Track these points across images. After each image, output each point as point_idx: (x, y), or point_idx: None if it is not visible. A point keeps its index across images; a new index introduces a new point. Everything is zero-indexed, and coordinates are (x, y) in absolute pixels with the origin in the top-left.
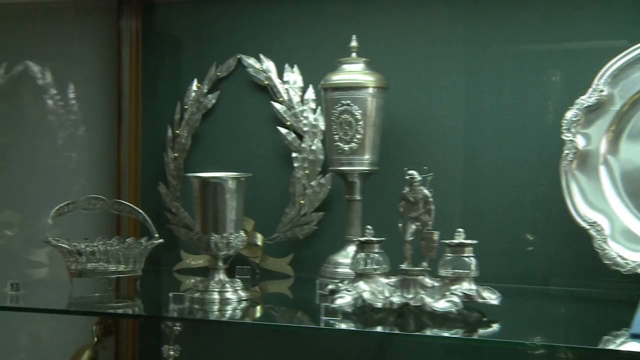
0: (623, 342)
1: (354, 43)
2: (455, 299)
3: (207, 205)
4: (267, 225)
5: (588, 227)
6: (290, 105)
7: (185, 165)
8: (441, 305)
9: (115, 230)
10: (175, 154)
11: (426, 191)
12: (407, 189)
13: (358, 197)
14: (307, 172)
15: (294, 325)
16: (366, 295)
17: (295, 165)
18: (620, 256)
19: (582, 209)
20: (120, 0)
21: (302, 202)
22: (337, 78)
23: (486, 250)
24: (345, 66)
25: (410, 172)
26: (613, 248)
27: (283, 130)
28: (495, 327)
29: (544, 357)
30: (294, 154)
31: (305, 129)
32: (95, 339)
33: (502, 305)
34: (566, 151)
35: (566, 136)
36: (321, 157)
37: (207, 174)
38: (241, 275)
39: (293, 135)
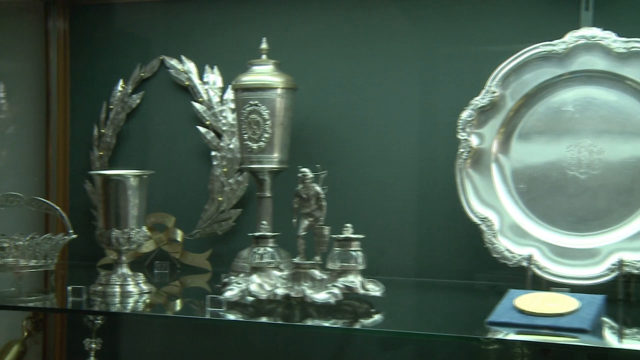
0: (483, 330)
1: (264, 45)
2: (336, 290)
3: (109, 201)
4: (187, 222)
5: (480, 222)
6: (209, 105)
7: (110, 163)
8: (321, 296)
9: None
10: (101, 152)
11: (318, 188)
12: (300, 186)
13: (268, 194)
14: (225, 170)
15: (179, 315)
16: (253, 287)
17: (214, 163)
18: (508, 250)
19: (475, 206)
20: (47, 1)
21: (220, 199)
22: (247, 79)
23: (388, 245)
24: (255, 68)
25: (303, 169)
26: (502, 242)
27: (202, 130)
28: (376, 317)
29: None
30: (212, 153)
31: (224, 128)
32: (26, 334)
33: (393, 297)
34: (461, 150)
35: (461, 135)
36: (239, 155)
37: (109, 171)
38: (160, 270)
39: (212, 134)
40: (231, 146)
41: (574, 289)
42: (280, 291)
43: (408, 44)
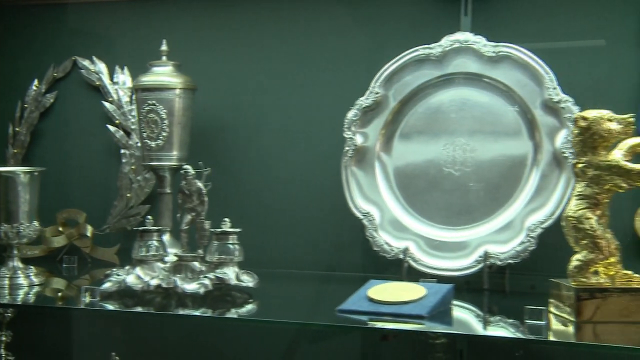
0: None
1: (164, 47)
2: (206, 281)
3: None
4: (98, 217)
5: (362, 217)
6: (119, 105)
7: (23, 161)
8: (191, 287)
9: None
10: (15, 150)
11: (200, 184)
12: (183, 182)
13: (168, 190)
14: (133, 167)
15: (59, 307)
16: (129, 279)
17: (123, 161)
18: (387, 243)
19: (358, 201)
20: None
21: (129, 195)
22: (146, 79)
23: (276, 239)
24: (155, 69)
25: (185, 167)
26: (382, 236)
27: (112, 128)
28: (250, 307)
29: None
30: (122, 151)
31: (132, 127)
32: None
33: (273, 289)
34: (346, 148)
35: (347, 134)
36: None
37: (0, 168)
38: (68, 264)
39: (121, 132)
40: (139, 144)
41: (445, 280)
42: (154, 282)
43: (300, 45)
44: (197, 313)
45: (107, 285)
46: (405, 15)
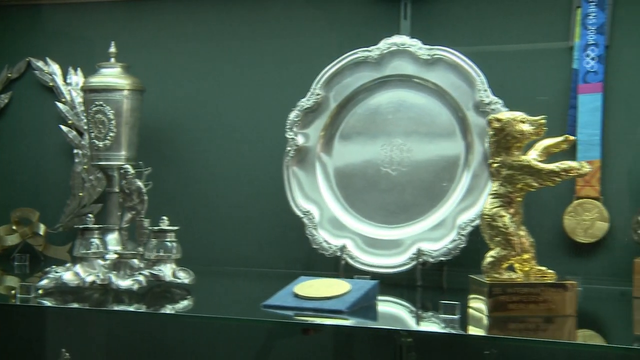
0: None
1: (112, 49)
2: (140, 278)
3: None
4: (51, 216)
5: (302, 215)
6: (72, 105)
7: None
8: (125, 283)
9: None
10: None
11: (139, 183)
12: (123, 182)
13: (116, 189)
14: (86, 167)
15: None
16: (66, 276)
17: (76, 160)
18: (326, 241)
19: (299, 200)
20: None
21: (81, 194)
22: (93, 81)
23: (220, 237)
24: (103, 70)
25: (125, 166)
26: (321, 234)
27: (65, 129)
28: (184, 303)
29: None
30: (75, 150)
31: (85, 127)
32: None
33: (213, 286)
34: (288, 148)
35: (289, 135)
36: None
37: None
38: (20, 262)
39: (74, 132)
40: None
41: (380, 277)
42: (89, 279)
43: (245, 47)
44: (131, 309)
45: (44, 282)
46: (348, 18)
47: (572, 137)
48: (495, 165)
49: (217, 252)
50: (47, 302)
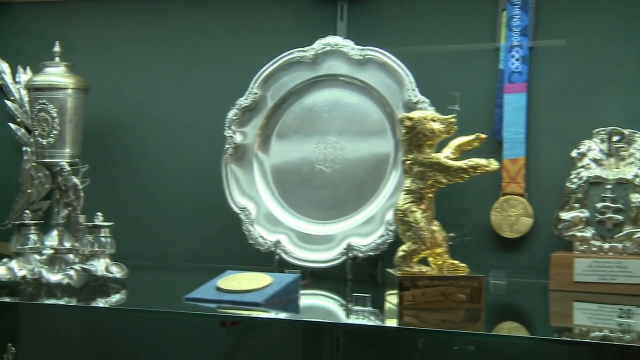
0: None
1: (56, 48)
2: (71, 272)
3: None
4: (0, 213)
5: (239, 212)
6: (21, 104)
7: None
8: (56, 277)
9: None
10: None
11: (76, 180)
12: (59, 179)
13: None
14: (34, 164)
15: None
16: None
17: (25, 158)
18: (261, 237)
19: (236, 197)
20: None
21: (30, 191)
22: (37, 80)
23: (163, 233)
24: (47, 69)
25: (60, 163)
26: (257, 230)
27: (13, 126)
28: (116, 296)
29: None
30: (23, 148)
31: None
32: None
33: (148, 280)
34: (227, 146)
35: (227, 133)
36: None
37: None
38: None
39: (23, 130)
40: None
41: (313, 271)
42: (20, 273)
43: (187, 47)
44: (61, 302)
45: None
46: (286, 19)
47: (483, 135)
48: (407, 162)
49: (159, 247)
50: None
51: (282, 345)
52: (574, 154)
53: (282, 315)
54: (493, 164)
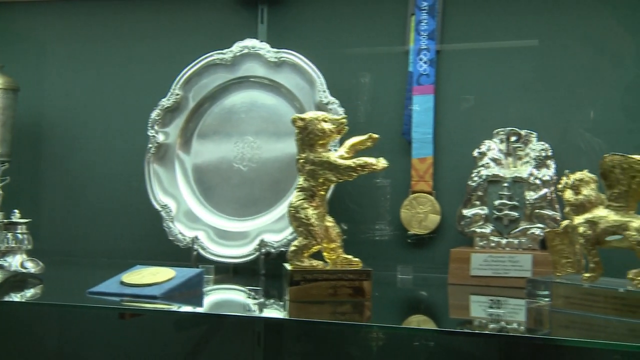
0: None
1: None
2: None
3: None
4: None
5: (160, 209)
6: None
7: None
8: None
9: None
10: None
11: None
12: None
13: None
14: None
15: None
16: None
17: None
18: (181, 233)
19: (158, 195)
20: None
21: None
22: None
23: (89, 230)
24: None
25: None
26: (177, 227)
27: None
28: (31, 291)
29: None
30: None
31: None
32: None
33: (65, 276)
34: (149, 145)
35: (150, 133)
36: None
37: None
38: None
39: None
40: None
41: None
42: None
43: (115, 48)
44: None
45: None
46: (210, 22)
47: (375, 135)
48: (300, 161)
49: (83, 244)
50: None
51: (204, 340)
52: (475, 153)
53: (187, 308)
54: (381, 163)
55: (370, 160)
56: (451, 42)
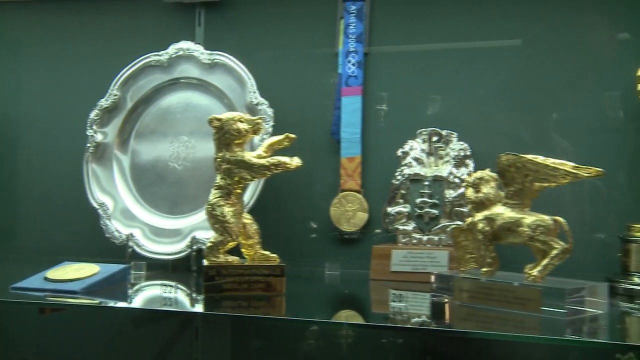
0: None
1: None
2: None
3: None
4: None
5: (98, 207)
6: None
7: None
8: None
9: None
10: None
11: None
12: None
13: None
14: None
15: None
16: None
17: None
18: (117, 231)
19: (96, 193)
20: None
21: None
22: None
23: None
24: None
25: None
26: (113, 224)
27: None
28: None
29: None
30: None
31: None
32: None
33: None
34: (88, 145)
35: (89, 132)
36: None
37: None
38: None
39: None
40: None
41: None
42: None
43: (56, 49)
44: None
45: None
46: (150, 24)
47: (292, 135)
48: (217, 160)
49: (22, 241)
50: None
51: (140, 335)
52: (399, 153)
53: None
54: (295, 162)
55: (284, 159)
56: (378, 44)
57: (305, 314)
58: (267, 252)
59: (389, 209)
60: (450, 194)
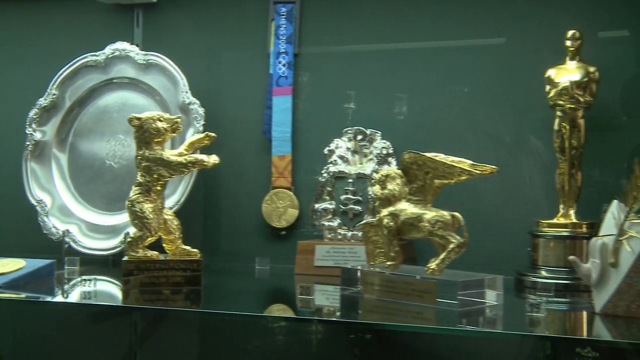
0: None
1: None
2: None
3: None
4: None
5: (36, 204)
6: None
7: None
8: None
9: None
10: None
11: None
12: None
13: None
14: None
15: None
16: None
17: None
18: (54, 227)
19: (34, 190)
20: None
21: None
22: None
23: None
24: None
25: None
26: (51, 221)
27: None
28: None
29: None
30: None
31: None
32: None
33: None
34: (27, 143)
35: (28, 131)
36: None
37: None
38: None
39: None
40: None
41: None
42: None
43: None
44: None
45: None
46: (90, 24)
47: (212, 134)
48: (137, 158)
49: None
50: None
51: (77, 330)
52: (325, 151)
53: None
54: (212, 160)
55: (201, 156)
56: (308, 45)
57: (220, 307)
58: (188, 247)
59: (317, 206)
60: (372, 191)
